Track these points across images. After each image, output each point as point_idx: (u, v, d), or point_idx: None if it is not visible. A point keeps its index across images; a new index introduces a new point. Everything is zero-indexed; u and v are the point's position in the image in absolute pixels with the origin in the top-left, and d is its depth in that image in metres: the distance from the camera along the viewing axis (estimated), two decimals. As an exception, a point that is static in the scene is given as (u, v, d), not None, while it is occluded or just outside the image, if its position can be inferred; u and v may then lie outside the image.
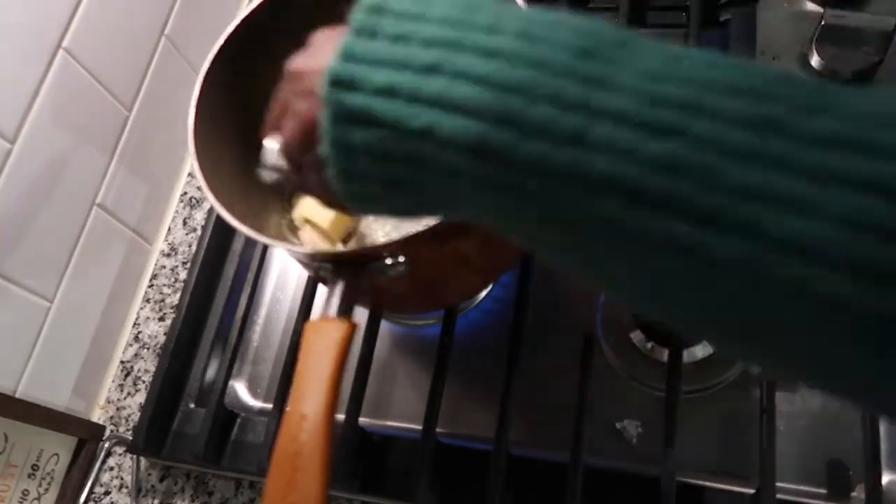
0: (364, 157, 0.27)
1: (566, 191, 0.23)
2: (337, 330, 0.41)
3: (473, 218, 0.29)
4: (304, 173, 0.34)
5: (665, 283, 0.24)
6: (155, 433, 0.67)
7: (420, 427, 0.57)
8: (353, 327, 0.42)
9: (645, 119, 0.22)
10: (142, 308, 0.78)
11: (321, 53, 0.31)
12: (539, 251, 0.28)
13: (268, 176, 0.35)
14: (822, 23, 0.65)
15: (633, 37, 0.24)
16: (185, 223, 0.81)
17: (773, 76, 0.22)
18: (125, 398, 0.74)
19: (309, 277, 0.66)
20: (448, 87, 0.25)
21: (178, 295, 0.76)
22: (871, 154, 0.19)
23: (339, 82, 0.27)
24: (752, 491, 0.54)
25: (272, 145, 0.34)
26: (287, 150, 0.34)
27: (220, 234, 0.75)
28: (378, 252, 0.45)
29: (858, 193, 0.19)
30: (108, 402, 0.74)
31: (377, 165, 0.27)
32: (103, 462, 0.71)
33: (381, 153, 0.27)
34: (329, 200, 0.36)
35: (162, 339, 0.75)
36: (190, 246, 0.79)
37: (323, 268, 0.47)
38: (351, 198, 0.30)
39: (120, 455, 0.71)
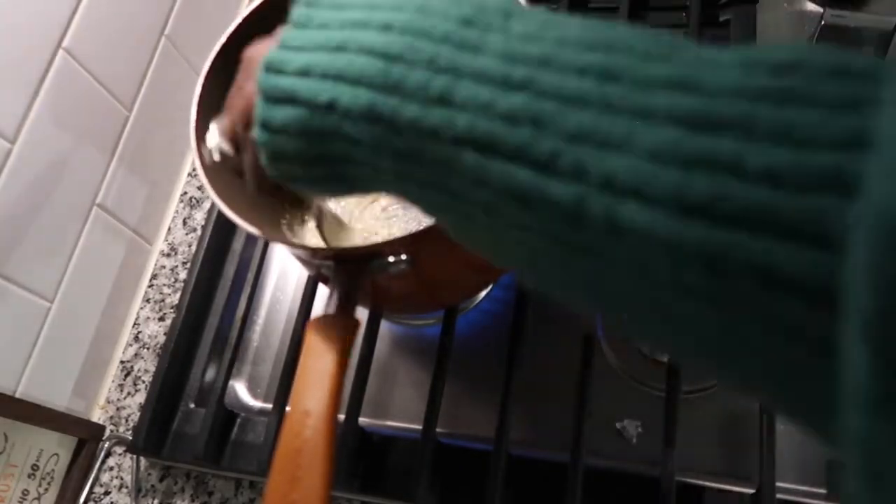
0: (285, 134, 0.30)
1: (437, 148, 0.25)
2: (339, 327, 0.41)
3: (382, 190, 0.31)
4: (243, 154, 0.36)
5: (522, 242, 0.25)
6: (155, 433, 0.67)
7: (420, 427, 0.57)
8: (357, 324, 0.42)
9: (501, 76, 0.24)
10: (142, 308, 0.78)
11: (271, 42, 0.33)
12: (438, 220, 0.30)
13: (209, 155, 0.38)
14: (822, 23, 0.65)
15: (523, 8, 0.26)
16: (185, 223, 0.81)
17: (633, 34, 0.23)
18: (125, 398, 0.74)
19: (309, 277, 0.66)
20: (349, 61, 0.27)
21: (178, 295, 0.76)
22: (689, 92, 0.20)
23: (270, 67, 0.30)
24: (752, 491, 0.54)
25: (214, 126, 0.37)
26: (228, 131, 0.37)
27: (220, 234, 0.75)
28: (379, 250, 0.45)
29: (668, 127, 0.20)
30: (108, 402, 0.74)
31: (296, 141, 0.30)
32: (103, 462, 0.71)
33: (298, 129, 0.29)
34: (261, 181, 0.37)
35: (162, 339, 0.75)
36: (190, 246, 0.79)
37: (324, 266, 0.47)
38: (279, 175, 0.32)
39: (120, 455, 0.71)
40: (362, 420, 0.60)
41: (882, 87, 0.17)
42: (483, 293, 0.66)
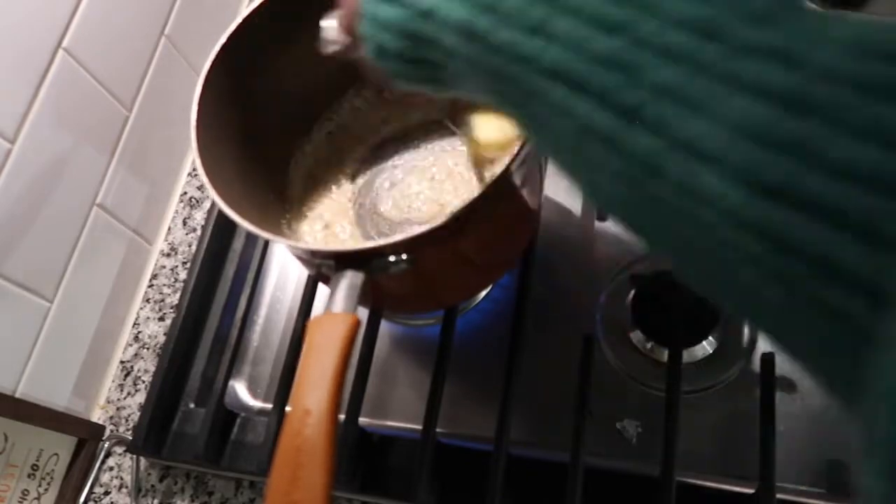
0: (388, 32, 0.31)
1: (529, 75, 0.25)
2: (340, 325, 0.41)
3: (475, 95, 0.32)
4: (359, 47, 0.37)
5: (597, 174, 0.25)
6: (155, 433, 0.67)
7: (420, 427, 0.57)
8: (357, 323, 0.42)
9: (599, 14, 0.23)
10: (142, 308, 0.78)
11: None
12: (528, 135, 0.31)
13: (326, 47, 0.39)
14: None
15: None
16: (185, 223, 0.81)
17: None
18: (125, 398, 0.74)
19: (309, 277, 0.66)
20: None
21: (178, 295, 0.76)
22: (787, 66, 0.19)
23: None
24: (752, 491, 0.54)
25: (329, 21, 0.38)
26: (344, 21, 0.37)
27: (220, 234, 0.75)
28: (380, 250, 0.45)
29: (758, 102, 0.19)
30: (108, 402, 0.74)
31: (397, 40, 0.31)
32: (103, 462, 0.71)
33: (400, 29, 0.31)
34: (380, 75, 0.38)
35: (162, 339, 0.75)
36: (190, 246, 0.79)
37: (325, 265, 0.47)
38: (385, 70, 0.34)
39: (120, 455, 0.71)
40: (362, 420, 0.60)
41: None
42: (483, 293, 0.66)
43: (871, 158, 0.17)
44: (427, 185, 0.60)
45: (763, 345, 0.60)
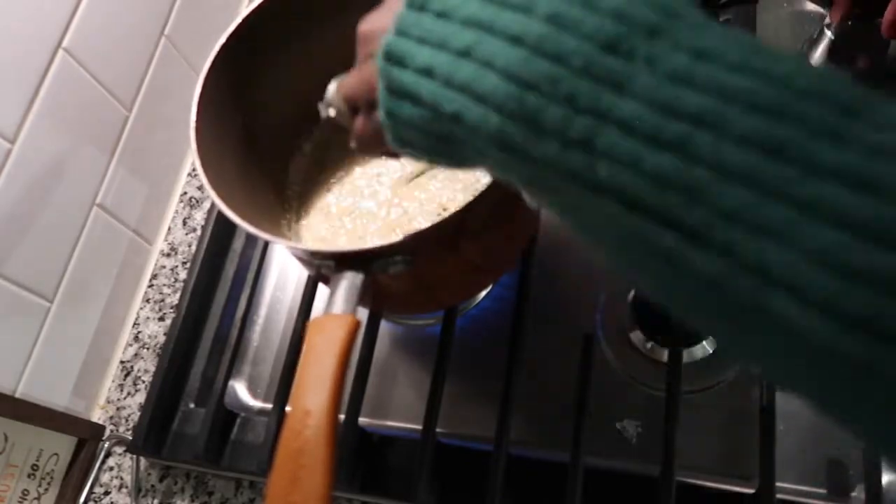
0: (411, 128, 0.30)
1: (575, 189, 0.24)
2: (340, 326, 0.41)
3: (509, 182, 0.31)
4: (360, 121, 0.36)
5: (655, 278, 0.25)
6: (155, 433, 0.67)
7: (420, 427, 0.57)
8: (357, 324, 0.42)
9: (650, 129, 0.22)
10: (142, 308, 0.78)
11: (387, 14, 0.32)
12: (562, 220, 0.29)
13: (324, 110, 0.40)
14: (831, 37, 0.65)
15: (669, 18, 0.23)
16: (185, 223, 0.81)
17: (806, 87, 0.20)
18: (125, 398, 0.74)
19: (309, 277, 0.66)
20: (475, 75, 0.25)
21: (178, 295, 0.76)
22: (868, 193, 0.18)
23: (391, 57, 0.29)
24: (752, 491, 0.54)
25: (333, 85, 0.38)
26: (348, 96, 0.37)
27: (220, 234, 0.75)
28: (380, 251, 0.45)
29: (835, 230, 0.19)
30: (108, 402, 0.74)
31: (422, 137, 0.30)
32: (103, 462, 0.71)
33: (423, 128, 0.29)
34: (372, 150, 0.38)
35: (162, 339, 0.75)
36: (190, 246, 0.79)
37: (324, 266, 0.47)
38: (408, 156, 0.33)
39: (120, 455, 0.71)
40: (362, 420, 0.60)
41: None
42: (483, 293, 0.66)
43: None
44: (428, 184, 0.60)
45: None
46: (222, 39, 0.53)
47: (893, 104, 0.20)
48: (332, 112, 0.39)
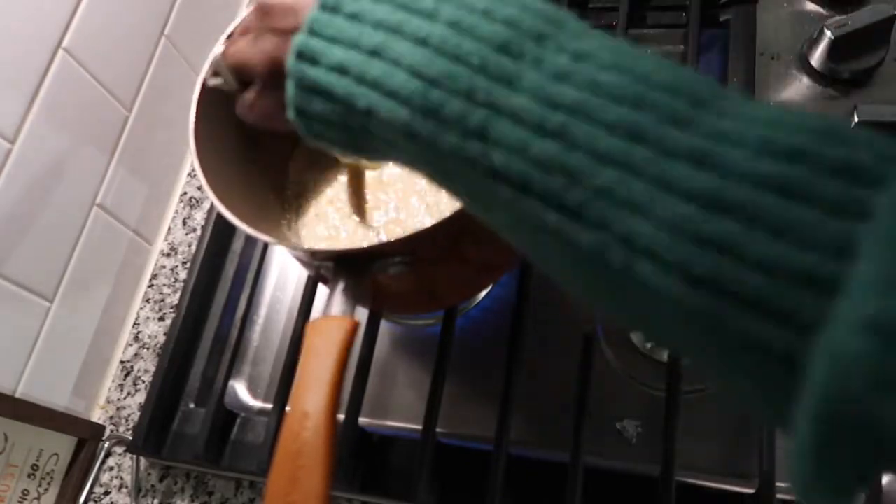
0: (322, 123, 0.31)
1: (474, 175, 0.26)
2: (339, 327, 0.41)
3: (412, 168, 0.32)
4: (253, 94, 0.37)
5: (551, 258, 0.27)
6: (155, 433, 0.67)
7: (420, 427, 0.57)
8: (356, 325, 0.42)
9: (536, 119, 0.25)
10: (142, 308, 0.78)
11: None
12: (468, 208, 0.31)
13: (212, 81, 0.40)
14: (830, 38, 0.65)
15: (552, 27, 0.26)
16: (184, 223, 0.81)
17: (662, 81, 0.24)
18: (125, 398, 0.74)
19: (309, 277, 0.66)
20: (386, 72, 0.28)
21: (178, 295, 0.76)
22: (709, 168, 0.22)
23: (303, 55, 0.30)
24: (752, 491, 0.54)
25: (220, 50, 0.38)
26: (236, 66, 0.37)
27: (220, 234, 0.75)
28: (379, 251, 0.45)
29: (683, 202, 0.22)
30: (108, 402, 0.74)
31: (333, 131, 0.31)
32: (103, 462, 0.71)
33: (335, 123, 0.30)
34: (260, 125, 0.39)
35: (162, 339, 0.75)
36: (190, 246, 0.79)
37: (324, 266, 0.47)
38: (318, 147, 0.34)
39: (120, 455, 0.71)
40: (362, 420, 0.60)
41: (881, 193, 0.19)
42: (483, 293, 0.66)
43: (781, 254, 0.20)
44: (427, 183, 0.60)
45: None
46: (222, 39, 0.53)
47: (736, 97, 0.24)
48: (217, 81, 0.39)
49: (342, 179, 0.64)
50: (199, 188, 0.83)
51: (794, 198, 0.20)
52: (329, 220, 0.61)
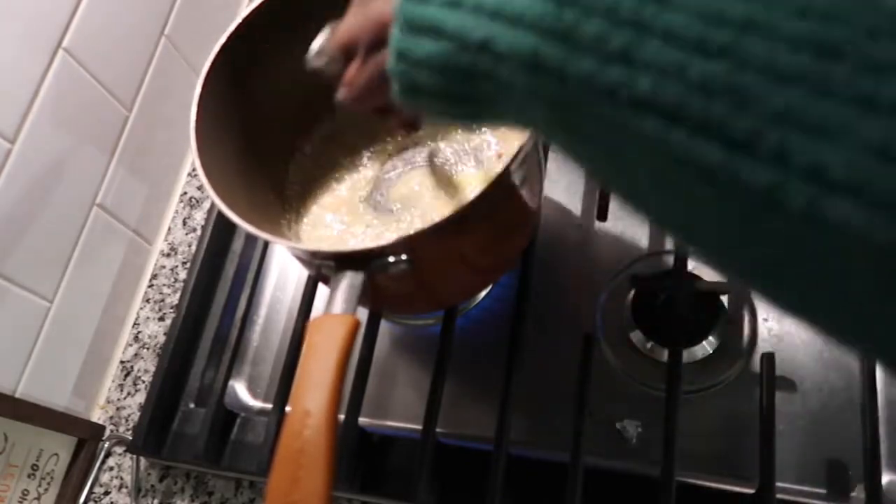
0: (425, 68, 0.28)
1: (611, 108, 0.23)
2: (340, 326, 0.41)
3: (526, 127, 0.30)
4: (354, 68, 0.35)
5: (695, 212, 0.23)
6: (155, 433, 0.67)
7: (420, 427, 0.57)
8: (357, 323, 0.42)
9: (695, 37, 0.21)
10: (142, 308, 0.78)
11: None
12: (588, 167, 0.28)
13: (314, 60, 0.38)
14: None
15: None
16: (184, 223, 0.81)
17: None
18: (125, 398, 0.74)
19: (309, 277, 0.66)
20: None
21: (178, 295, 0.76)
22: None
23: None
24: (752, 491, 0.54)
25: (324, 33, 0.37)
26: (342, 42, 0.35)
27: (220, 234, 0.75)
28: (379, 251, 0.45)
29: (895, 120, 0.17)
30: (108, 402, 0.74)
31: (437, 77, 0.28)
32: (103, 462, 0.71)
33: (441, 65, 0.27)
34: (366, 103, 0.36)
35: (162, 339, 0.75)
36: (190, 246, 0.79)
37: (324, 266, 0.47)
38: (411, 106, 0.31)
39: (120, 455, 0.71)
40: (362, 420, 0.60)
41: None
42: (483, 293, 0.66)
43: None
44: (429, 183, 0.60)
45: (763, 344, 0.60)
46: (222, 39, 0.53)
47: None
48: (321, 61, 0.37)
49: (342, 180, 0.64)
50: (200, 188, 0.83)
51: None
52: (329, 220, 0.62)
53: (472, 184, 0.58)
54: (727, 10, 0.20)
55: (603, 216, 0.66)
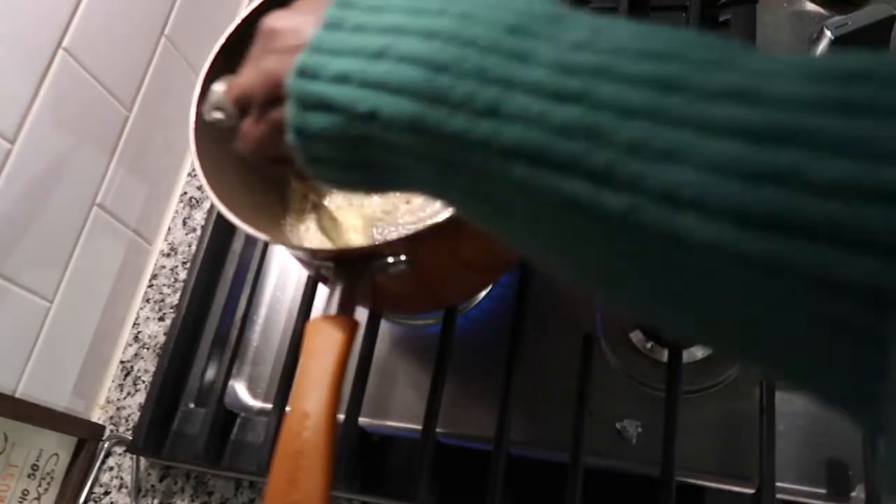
0: (321, 141, 0.29)
1: (483, 159, 0.25)
2: (339, 328, 0.41)
3: (421, 192, 0.31)
4: (250, 122, 0.36)
5: (569, 245, 0.25)
6: (155, 433, 0.67)
7: (420, 427, 0.57)
8: (356, 325, 0.42)
9: (554, 88, 0.23)
10: (142, 308, 0.78)
11: (298, 17, 0.33)
12: (483, 226, 0.29)
13: (208, 113, 0.38)
14: (830, 39, 0.65)
15: (568, 12, 0.26)
16: (184, 223, 0.81)
17: (688, 40, 0.23)
18: (125, 398, 0.74)
19: (309, 277, 0.66)
20: (391, 70, 0.27)
21: (178, 295, 0.76)
22: (751, 103, 0.20)
23: (303, 72, 0.29)
24: (752, 491, 0.54)
25: (220, 86, 0.38)
26: (237, 97, 0.36)
27: (220, 234, 0.75)
28: (379, 251, 0.45)
29: (729, 140, 0.20)
30: (108, 402, 0.74)
31: (333, 148, 0.29)
32: (103, 462, 0.71)
33: (336, 137, 0.29)
34: (260, 157, 0.37)
35: (162, 339, 0.75)
36: (190, 246, 0.79)
37: (324, 266, 0.47)
38: (316, 176, 0.32)
39: (120, 455, 0.71)
40: (362, 420, 0.60)
41: None
42: (483, 293, 0.66)
43: (855, 171, 0.18)
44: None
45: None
46: (222, 39, 0.53)
47: (761, 51, 0.22)
48: (217, 115, 0.38)
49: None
50: (200, 188, 0.83)
51: (863, 113, 0.18)
52: (329, 220, 0.61)
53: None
54: (581, 62, 0.23)
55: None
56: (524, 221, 0.26)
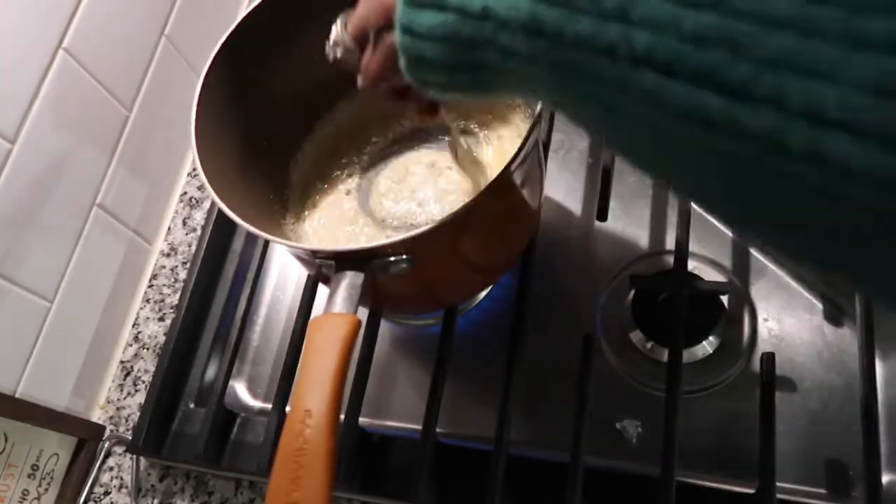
0: (430, 40, 0.29)
1: (610, 66, 0.23)
2: (340, 326, 0.41)
3: (530, 96, 0.31)
4: (369, 54, 0.35)
5: (697, 163, 0.24)
6: (155, 433, 0.67)
7: (420, 427, 0.57)
8: (358, 323, 0.42)
9: None
10: (142, 308, 0.78)
11: None
12: (591, 128, 0.28)
13: (332, 51, 0.39)
14: None
15: None
16: (184, 223, 0.81)
17: None
18: (125, 398, 0.74)
19: (309, 277, 0.66)
20: None
21: (178, 295, 0.76)
22: None
23: None
24: (752, 491, 0.54)
25: (340, 22, 0.38)
26: (356, 28, 0.36)
27: (220, 234, 0.75)
28: (380, 250, 0.45)
29: (888, 57, 0.18)
30: (108, 402, 0.74)
31: (441, 48, 0.29)
32: (103, 462, 0.71)
33: (445, 36, 0.28)
34: (384, 84, 0.37)
35: (162, 339, 0.75)
36: (190, 246, 0.79)
37: (324, 265, 0.47)
38: (418, 81, 0.31)
39: (120, 455, 0.71)
40: (362, 420, 0.60)
41: None
42: (483, 293, 0.66)
43: None
44: (430, 183, 0.60)
45: (763, 344, 0.60)
46: (222, 39, 0.53)
47: None
48: (339, 52, 0.38)
49: (342, 180, 0.64)
50: (200, 188, 0.83)
51: None
52: (330, 220, 0.62)
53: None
54: None
55: (603, 216, 0.66)
56: (642, 132, 0.25)
